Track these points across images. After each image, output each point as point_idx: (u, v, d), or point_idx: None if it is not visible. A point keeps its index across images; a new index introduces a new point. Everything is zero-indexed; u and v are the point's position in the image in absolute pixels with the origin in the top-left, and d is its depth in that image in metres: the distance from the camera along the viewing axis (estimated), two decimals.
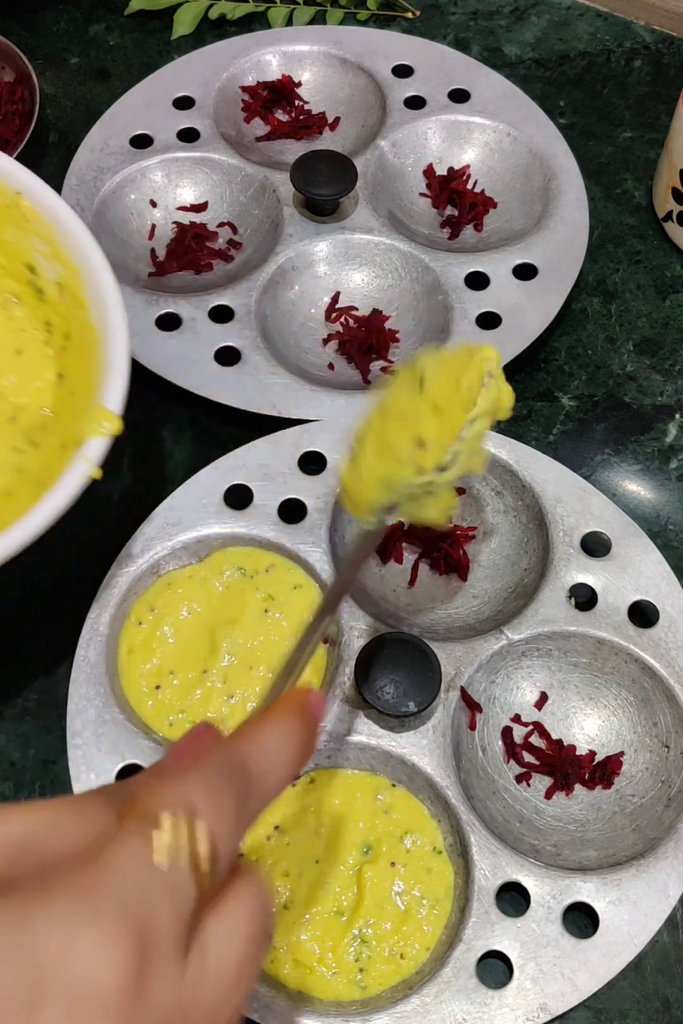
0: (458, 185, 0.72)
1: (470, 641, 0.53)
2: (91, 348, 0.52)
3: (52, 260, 0.55)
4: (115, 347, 0.50)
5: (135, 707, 0.52)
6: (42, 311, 0.57)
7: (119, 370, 0.50)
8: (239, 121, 0.77)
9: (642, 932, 0.46)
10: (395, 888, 0.47)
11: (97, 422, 0.48)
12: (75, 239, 0.54)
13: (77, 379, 0.53)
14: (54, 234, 0.55)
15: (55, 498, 0.46)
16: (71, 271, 0.54)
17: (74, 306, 0.54)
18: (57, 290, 0.56)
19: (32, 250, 0.56)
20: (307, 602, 0.54)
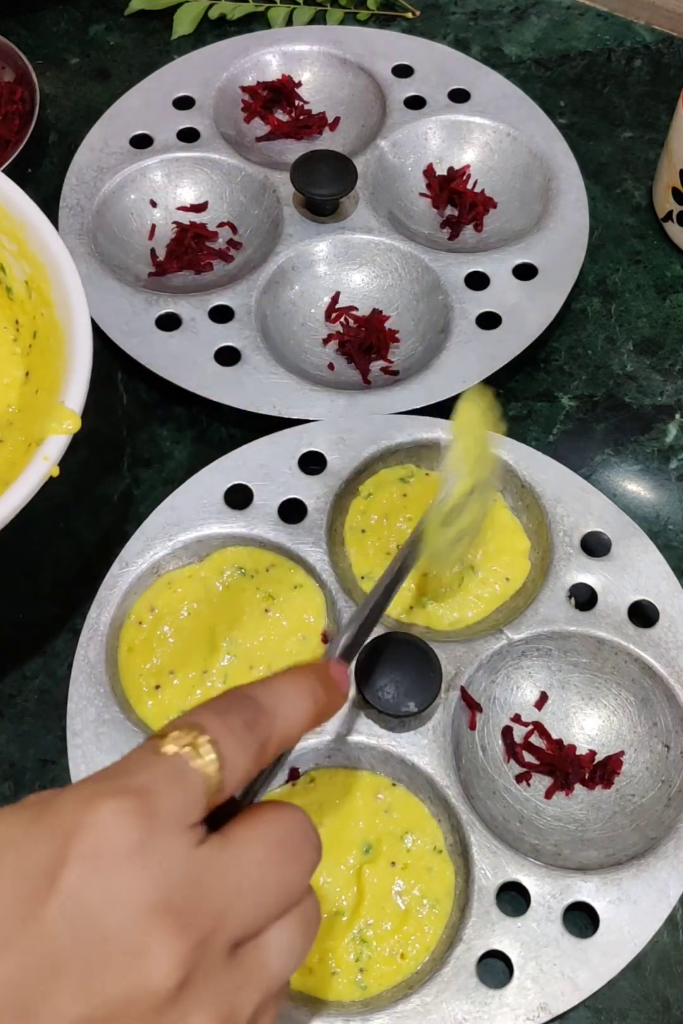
0: (458, 185, 0.72)
1: (470, 641, 0.53)
2: (56, 346, 0.53)
3: (20, 259, 0.56)
4: (78, 346, 0.51)
5: (135, 707, 0.52)
6: (11, 310, 0.58)
7: (80, 369, 0.50)
8: (239, 121, 0.77)
9: (642, 932, 0.46)
10: (395, 888, 0.47)
11: (58, 420, 0.49)
12: (42, 237, 0.54)
13: (42, 377, 0.54)
14: (22, 232, 0.55)
15: (11, 496, 0.47)
16: (38, 269, 0.55)
17: (41, 305, 0.55)
18: (25, 289, 0.56)
19: (1, 248, 0.57)
20: (307, 602, 0.54)
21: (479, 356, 0.63)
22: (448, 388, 0.61)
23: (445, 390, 0.61)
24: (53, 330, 0.53)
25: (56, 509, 0.59)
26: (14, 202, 0.56)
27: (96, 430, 0.48)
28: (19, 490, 0.47)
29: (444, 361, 0.62)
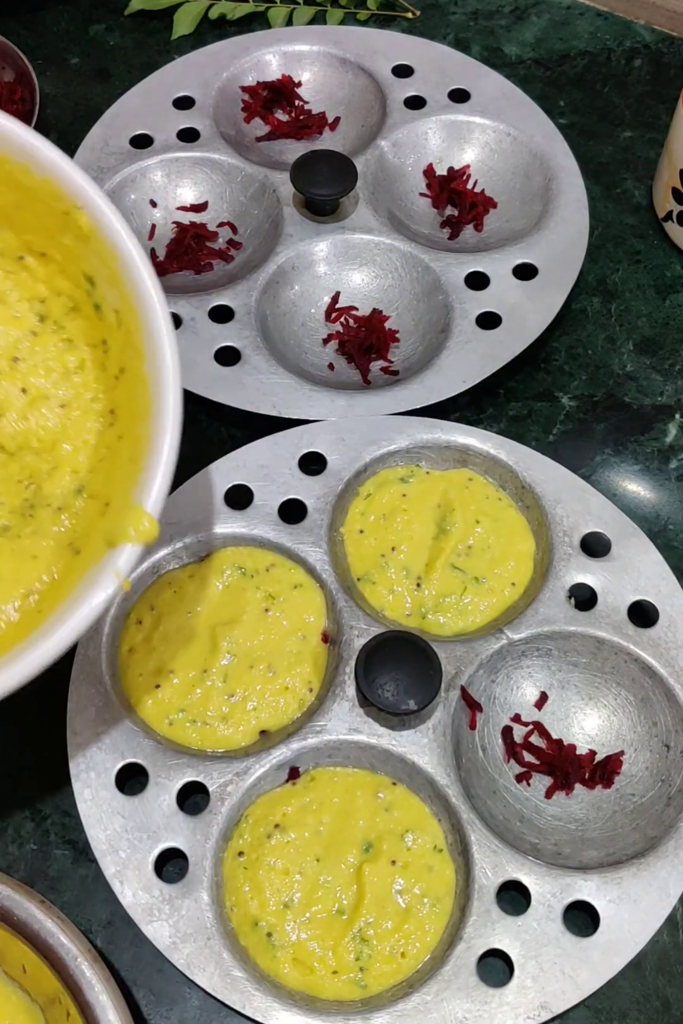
0: (458, 185, 0.72)
1: (470, 641, 0.53)
2: (143, 408, 0.44)
3: (111, 286, 0.46)
4: (164, 428, 0.43)
5: (135, 706, 0.52)
6: (99, 327, 0.48)
7: (163, 465, 0.43)
8: (239, 121, 0.77)
9: (642, 931, 0.46)
10: (396, 886, 0.47)
11: (135, 527, 0.42)
12: (136, 277, 0.45)
13: (127, 424, 0.46)
14: (114, 261, 0.46)
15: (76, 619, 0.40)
16: (129, 310, 0.46)
17: (129, 346, 0.46)
18: (115, 318, 0.47)
19: (91, 265, 0.47)
20: (307, 601, 0.54)
21: (479, 356, 0.63)
22: (448, 388, 0.61)
23: (445, 390, 0.61)
24: (141, 384, 0.45)
25: None
26: (108, 226, 0.46)
27: None
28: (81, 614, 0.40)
29: (444, 361, 0.62)
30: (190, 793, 0.49)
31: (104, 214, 0.46)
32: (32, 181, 0.47)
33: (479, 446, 0.59)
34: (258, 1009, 0.44)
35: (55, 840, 0.50)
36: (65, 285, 0.49)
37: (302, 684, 0.52)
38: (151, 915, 0.46)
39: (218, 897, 0.47)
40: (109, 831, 0.48)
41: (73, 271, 0.49)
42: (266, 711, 0.52)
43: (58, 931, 0.41)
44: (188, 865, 0.47)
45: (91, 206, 0.46)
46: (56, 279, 0.49)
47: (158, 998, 0.47)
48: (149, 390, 0.44)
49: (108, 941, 0.48)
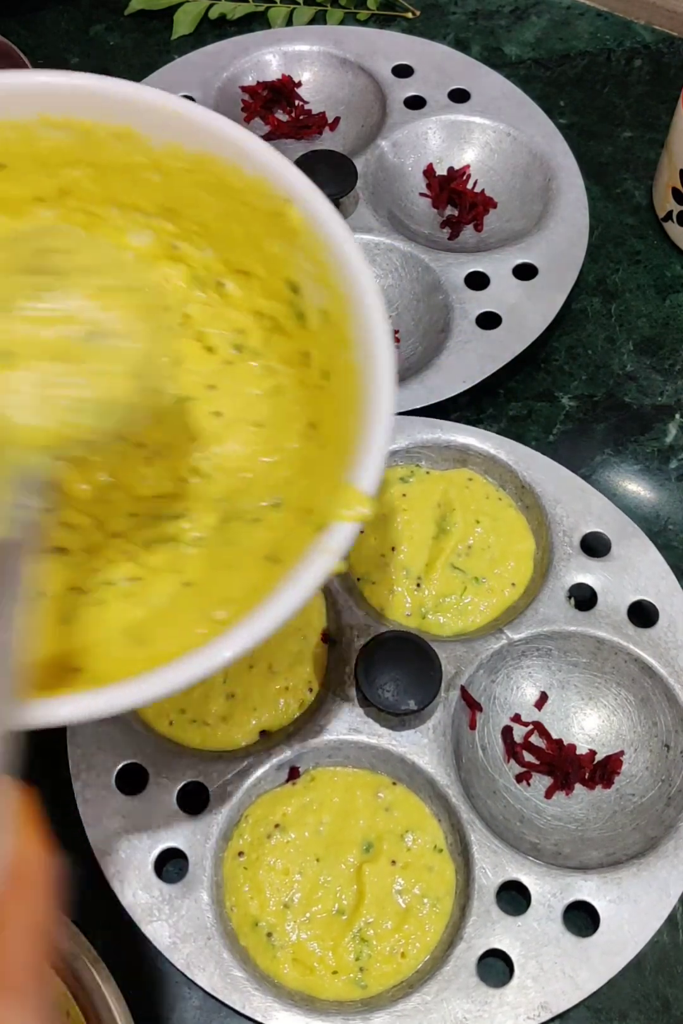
0: (458, 185, 0.72)
1: (470, 641, 0.53)
2: (350, 398, 0.42)
3: (318, 283, 0.45)
4: (376, 405, 0.40)
5: None
6: (301, 340, 0.46)
7: (377, 439, 0.39)
8: (239, 121, 0.77)
9: (643, 931, 0.46)
10: (396, 886, 0.47)
11: (346, 505, 0.39)
12: (348, 262, 0.44)
13: (331, 431, 0.44)
14: (324, 253, 0.44)
15: (289, 596, 0.37)
16: (338, 299, 0.44)
17: (337, 342, 0.44)
18: (320, 319, 0.45)
19: (297, 268, 0.45)
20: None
21: (479, 356, 0.63)
22: (448, 388, 0.61)
23: (445, 390, 0.61)
24: (349, 376, 0.42)
25: None
26: (320, 217, 0.44)
27: None
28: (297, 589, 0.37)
29: (444, 361, 0.62)
30: (190, 793, 0.49)
31: (315, 204, 0.44)
32: (242, 182, 0.46)
33: (479, 446, 0.59)
34: (258, 1009, 0.44)
35: (55, 840, 0.50)
36: (266, 305, 0.48)
37: (302, 684, 0.52)
38: (151, 915, 0.46)
39: (218, 897, 0.47)
40: (109, 831, 0.48)
41: (276, 284, 0.47)
42: (266, 711, 0.52)
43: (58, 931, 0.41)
44: (188, 865, 0.47)
45: (302, 198, 0.45)
46: (257, 300, 0.48)
47: (158, 998, 0.47)
48: (358, 379, 0.42)
49: (108, 941, 0.48)
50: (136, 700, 0.35)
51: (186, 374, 0.46)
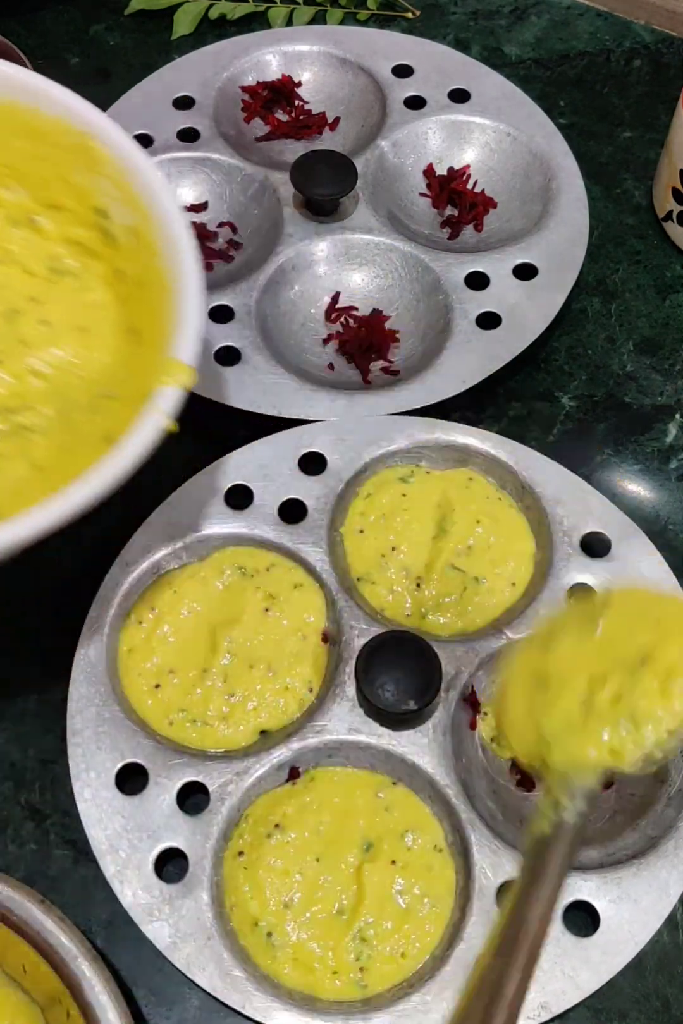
0: (458, 185, 0.72)
1: (470, 641, 0.53)
2: (163, 297, 0.49)
3: (124, 205, 0.53)
4: (188, 295, 0.48)
5: (135, 706, 0.52)
6: (113, 259, 0.54)
7: (192, 319, 0.47)
8: (239, 121, 0.77)
9: (643, 930, 0.46)
10: (396, 886, 0.47)
11: (170, 374, 0.45)
12: (147, 181, 0.51)
13: (149, 330, 0.51)
14: (125, 176, 0.52)
15: (126, 451, 0.43)
16: (143, 216, 0.51)
17: (146, 253, 0.51)
18: (129, 236, 0.53)
19: (102, 194, 0.53)
20: (307, 601, 0.54)
21: (479, 356, 0.63)
22: (448, 388, 0.61)
23: (445, 390, 0.61)
24: (159, 278, 0.50)
25: None
26: (117, 146, 0.53)
27: None
28: (134, 443, 0.43)
29: (444, 361, 0.62)
30: (190, 793, 0.49)
31: (112, 134, 0.52)
32: (43, 122, 0.53)
33: (479, 446, 0.59)
34: (258, 1009, 0.44)
35: (55, 840, 0.50)
36: (78, 232, 0.55)
37: (302, 684, 0.52)
38: (151, 915, 0.46)
39: (218, 897, 0.47)
40: (109, 831, 0.48)
41: (85, 212, 0.54)
42: (266, 711, 0.52)
43: (58, 931, 0.41)
44: (188, 865, 0.47)
45: (103, 133, 0.52)
46: (69, 230, 0.55)
47: (158, 998, 0.47)
48: (169, 278, 0.49)
49: (108, 941, 0.48)
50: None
51: (8, 291, 0.54)
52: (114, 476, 0.43)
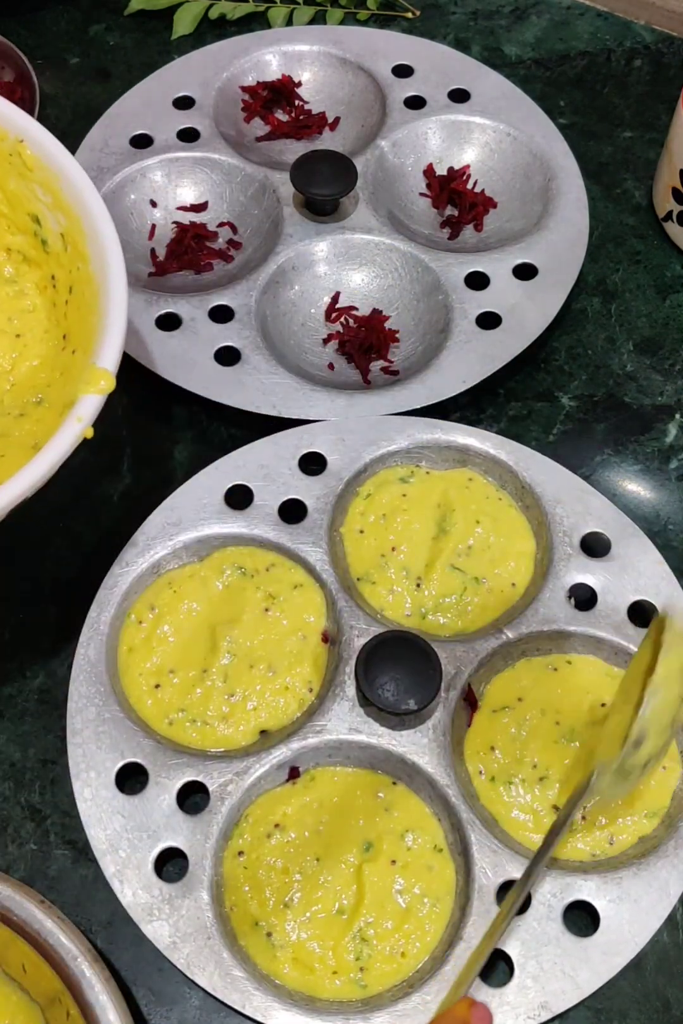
0: (458, 185, 0.72)
1: (470, 641, 0.53)
2: (91, 302, 0.51)
3: (55, 211, 0.54)
4: (113, 303, 0.49)
5: (135, 705, 0.52)
6: (47, 265, 0.56)
7: (115, 326, 0.49)
8: (239, 121, 0.77)
9: (643, 930, 0.46)
10: (396, 886, 0.47)
11: (92, 381, 0.47)
12: (77, 188, 0.53)
13: (79, 336, 0.53)
14: (56, 183, 0.54)
15: (44, 458, 0.45)
16: (73, 221, 0.53)
17: (76, 258, 0.53)
18: (60, 242, 0.55)
19: (36, 200, 0.55)
20: (307, 601, 0.54)
21: (479, 356, 0.63)
22: (448, 388, 0.61)
23: (445, 390, 0.61)
24: (88, 284, 0.52)
25: (56, 509, 0.59)
26: (49, 152, 0.54)
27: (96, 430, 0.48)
28: (52, 452, 0.45)
29: (444, 361, 0.62)
30: (190, 793, 0.49)
31: (44, 141, 0.54)
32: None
33: (479, 446, 0.59)
34: (258, 1009, 0.44)
35: (55, 840, 0.50)
36: (14, 240, 0.57)
37: (302, 684, 0.52)
38: (151, 915, 0.46)
39: (218, 897, 0.47)
40: (109, 831, 0.48)
41: (20, 218, 0.56)
42: (266, 711, 0.52)
43: (58, 931, 0.41)
44: (188, 865, 0.47)
45: (32, 137, 0.54)
46: (5, 236, 0.57)
47: (158, 998, 0.47)
48: (96, 284, 0.51)
49: (108, 941, 0.48)
50: None
51: None
52: (31, 482, 0.45)
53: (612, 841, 0.49)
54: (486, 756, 0.50)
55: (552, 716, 0.51)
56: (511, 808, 0.49)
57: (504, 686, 0.52)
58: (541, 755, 0.50)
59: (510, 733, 0.51)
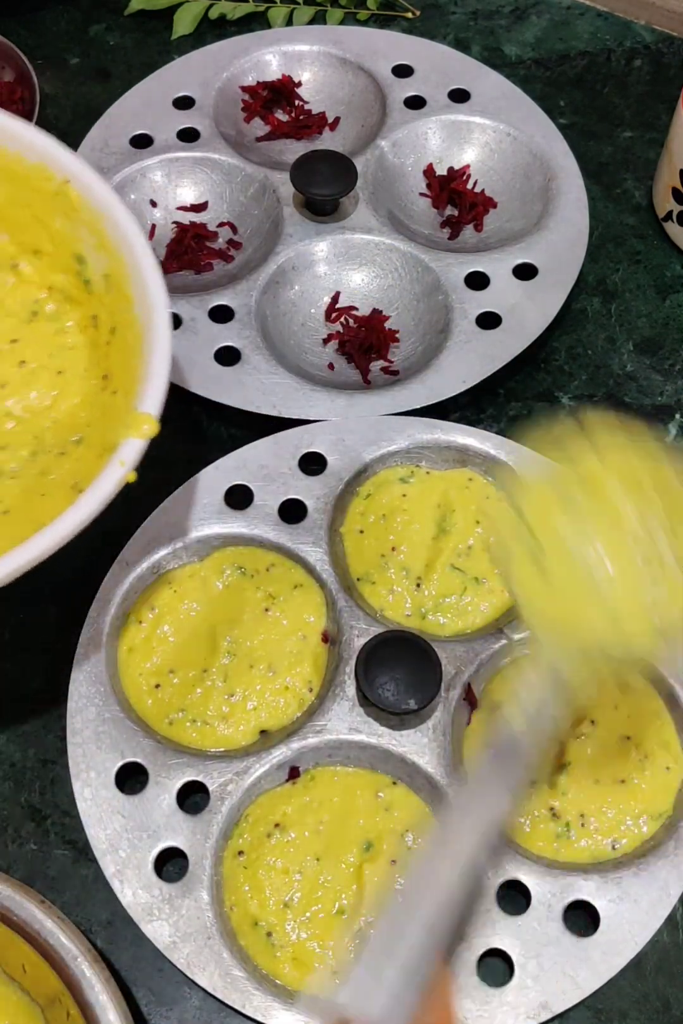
0: (458, 185, 0.72)
1: (470, 641, 0.53)
2: (134, 344, 0.50)
3: (99, 251, 0.53)
4: (156, 345, 0.49)
5: (135, 705, 0.52)
6: (89, 304, 0.55)
7: (159, 370, 0.48)
8: (239, 121, 0.77)
9: (643, 930, 0.46)
10: (396, 886, 0.47)
11: (134, 426, 0.47)
12: (122, 230, 0.52)
13: (120, 379, 0.52)
14: (102, 223, 0.53)
15: (87, 502, 0.45)
16: (117, 263, 0.52)
17: (121, 301, 0.52)
18: (104, 283, 0.54)
19: (80, 241, 0.54)
20: (307, 601, 0.54)
21: (479, 356, 0.63)
22: (448, 388, 0.61)
23: (445, 390, 0.61)
24: (131, 328, 0.51)
25: None
26: (94, 193, 0.53)
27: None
28: (96, 494, 0.45)
29: (444, 361, 0.62)
30: (190, 792, 0.49)
31: (90, 181, 0.53)
32: (25, 168, 0.54)
33: (479, 446, 0.59)
34: (258, 1009, 0.44)
35: (55, 840, 0.50)
36: (57, 278, 0.56)
37: (302, 684, 0.52)
38: (151, 915, 0.46)
39: (218, 896, 0.47)
40: (109, 831, 0.48)
41: (64, 257, 0.55)
42: (266, 711, 0.52)
43: (58, 931, 0.41)
44: (188, 864, 0.47)
45: (78, 177, 0.53)
46: (49, 275, 0.56)
47: (158, 998, 0.47)
48: (140, 328, 0.50)
49: (108, 941, 0.48)
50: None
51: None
52: (75, 525, 0.45)
53: (615, 846, 0.49)
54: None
55: None
56: None
57: (502, 684, 0.52)
58: None
59: None
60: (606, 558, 0.37)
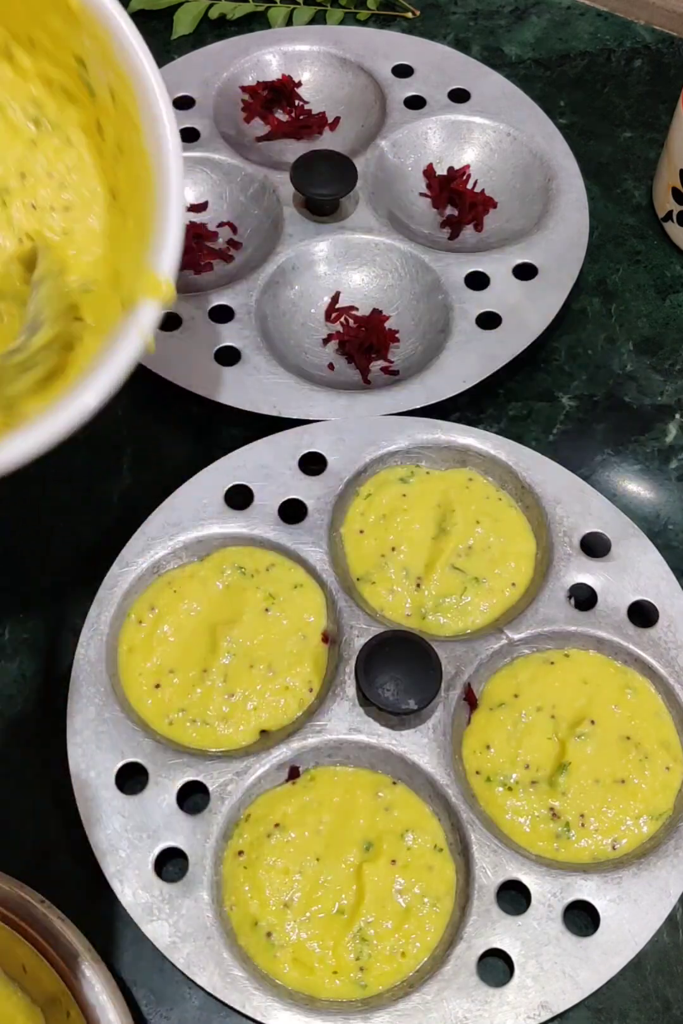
0: (458, 185, 0.72)
1: (470, 641, 0.53)
2: (145, 179, 0.46)
3: (103, 63, 0.47)
4: (168, 195, 0.45)
5: (135, 705, 0.52)
6: (93, 109, 0.50)
7: (171, 228, 0.45)
8: (239, 121, 0.77)
9: (643, 930, 0.46)
10: (396, 886, 0.47)
11: (149, 289, 0.44)
12: (129, 50, 0.46)
13: (129, 202, 0.48)
14: (105, 38, 0.46)
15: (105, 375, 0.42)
16: (123, 83, 0.47)
17: (126, 123, 0.47)
18: (108, 95, 0.48)
19: (81, 45, 0.48)
20: (307, 601, 0.54)
21: (479, 356, 0.63)
22: (448, 388, 0.61)
23: (445, 390, 0.61)
24: (141, 158, 0.46)
25: (56, 509, 0.60)
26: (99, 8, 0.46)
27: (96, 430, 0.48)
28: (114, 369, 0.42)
29: (444, 361, 0.62)
30: (190, 792, 0.49)
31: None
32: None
33: (479, 446, 0.59)
34: (258, 1009, 0.44)
35: (55, 840, 0.50)
36: (56, 72, 0.50)
37: (302, 684, 0.52)
38: (151, 915, 0.46)
39: (218, 896, 0.47)
40: (109, 831, 0.48)
41: (63, 55, 0.49)
42: (266, 711, 0.52)
43: (58, 931, 0.42)
44: (188, 864, 0.47)
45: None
46: (47, 68, 0.50)
47: (158, 998, 0.47)
48: (149, 162, 0.46)
49: (108, 941, 0.48)
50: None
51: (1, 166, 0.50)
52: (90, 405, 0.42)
53: (615, 846, 0.49)
54: (482, 755, 0.50)
55: (548, 711, 0.51)
56: (505, 810, 0.49)
57: (501, 683, 0.52)
58: (534, 754, 0.50)
59: (506, 731, 0.51)
60: None
